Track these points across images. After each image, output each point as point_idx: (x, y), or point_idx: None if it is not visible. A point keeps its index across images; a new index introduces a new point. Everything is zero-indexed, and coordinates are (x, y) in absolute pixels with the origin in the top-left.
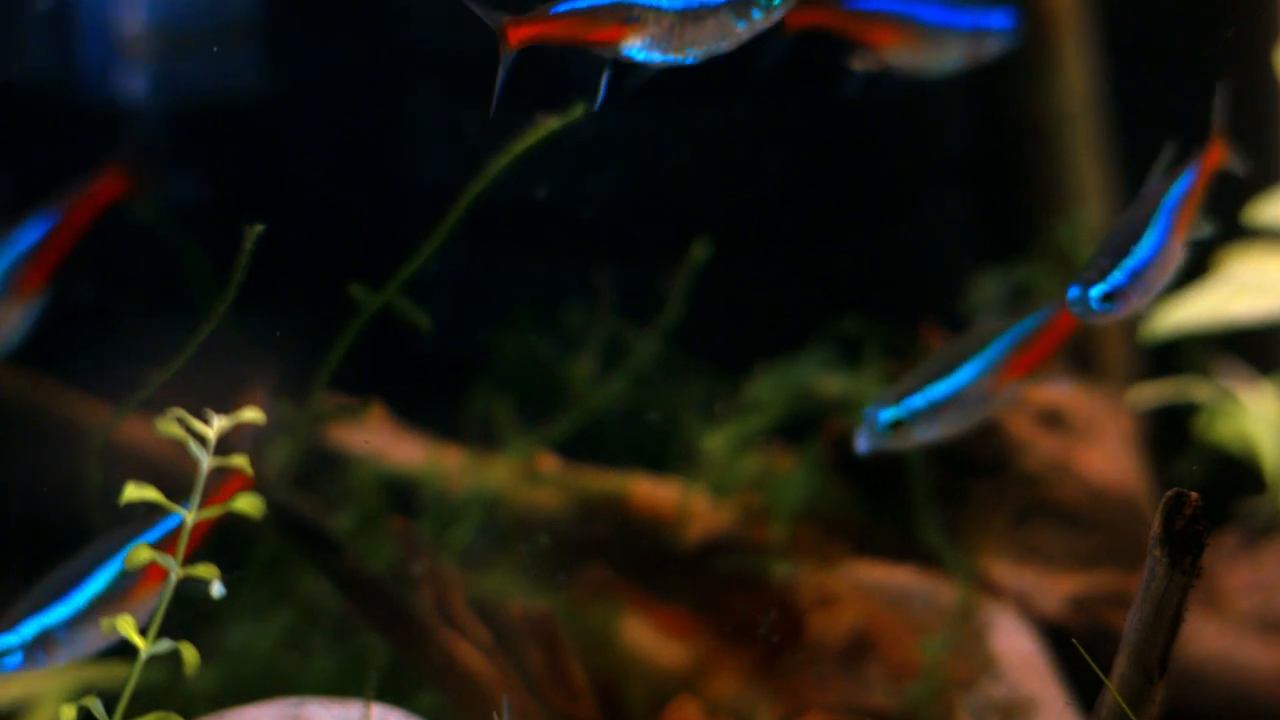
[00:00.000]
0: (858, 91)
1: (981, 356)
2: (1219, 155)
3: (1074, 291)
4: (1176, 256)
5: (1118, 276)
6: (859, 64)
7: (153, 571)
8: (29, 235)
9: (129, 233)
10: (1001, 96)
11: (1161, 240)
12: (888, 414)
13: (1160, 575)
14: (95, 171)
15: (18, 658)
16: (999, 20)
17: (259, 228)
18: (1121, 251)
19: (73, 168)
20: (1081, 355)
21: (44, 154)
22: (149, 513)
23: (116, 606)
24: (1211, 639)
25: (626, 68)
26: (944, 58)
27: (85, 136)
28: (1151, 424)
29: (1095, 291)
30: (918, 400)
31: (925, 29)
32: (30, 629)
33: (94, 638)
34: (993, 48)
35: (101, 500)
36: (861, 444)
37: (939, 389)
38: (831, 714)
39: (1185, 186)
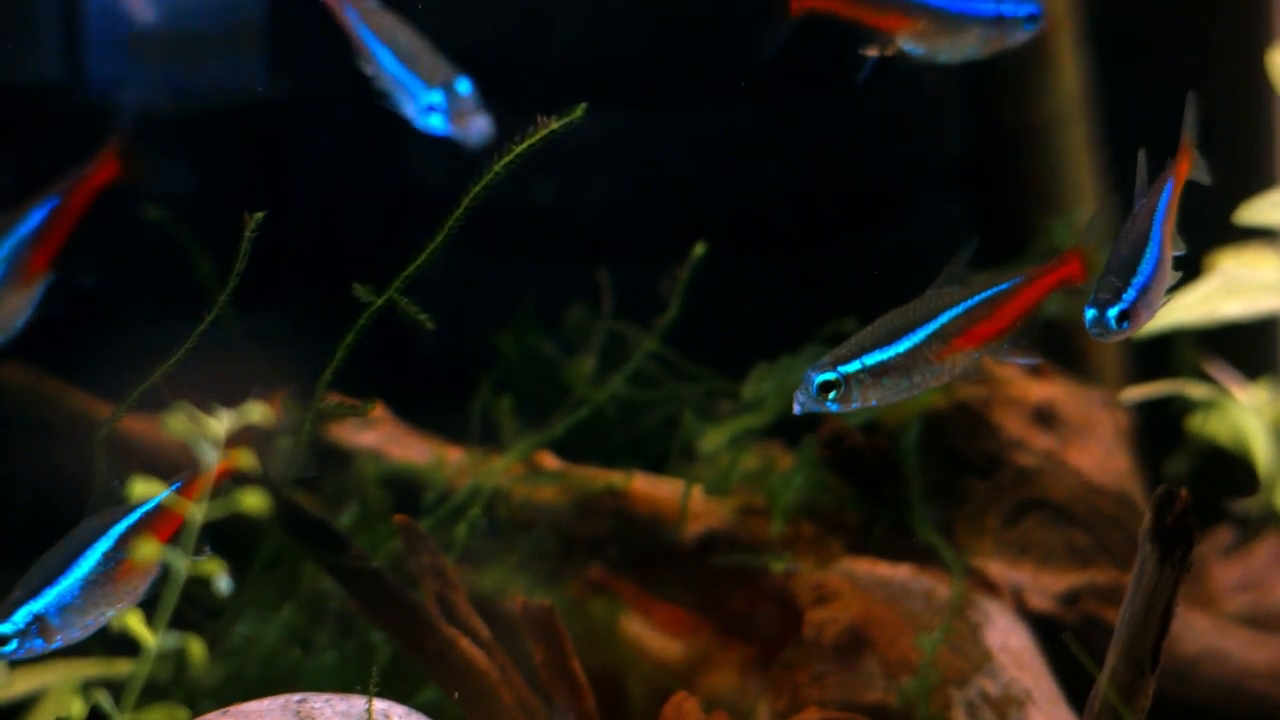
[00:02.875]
0: (867, 77)
1: (927, 324)
2: (1189, 164)
3: (1091, 313)
4: (1170, 268)
5: (1130, 294)
6: (873, 50)
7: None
8: (30, 221)
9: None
10: (996, 97)
11: (1159, 254)
12: (821, 377)
13: (1151, 570)
14: (91, 156)
15: (13, 645)
16: (1022, 9)
17: (259, 215)
18: (1130, 269)
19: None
20: (1075, 354)
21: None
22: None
23: (107, 588)
24: (1203, 635)
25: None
26: (963, 46)
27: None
28: (1145, 422)
29: (1113, 312)
30: (853, 365)
31: (943, 16)
32: (22, 616)
33: (89, 621)
34: (1015, 37)
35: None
36: (796, 406)
37: (877, 354)
38: (828, 709)
39: (1168, 198)
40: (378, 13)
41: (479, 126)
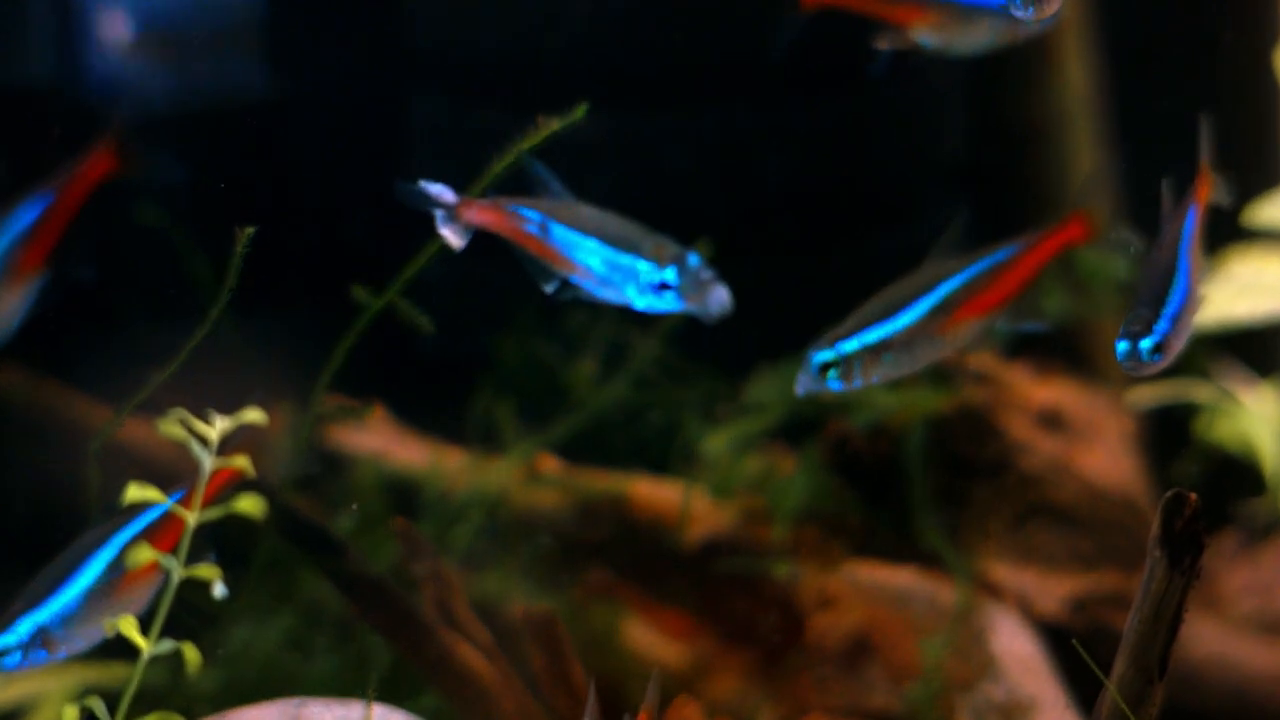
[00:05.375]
0: (882, 72)
1: (927, 298)
2: (1209, 188)
3: (1124, 345)
4: (1200, 295)
5: (1163, 325)
6: (884, 43)
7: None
8: (24, 217)
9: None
10: (1001, 98)
11: (1187, 282)
12: (821, 356)
13: (1160, 576)
14: (85, 150)
15: (15, 657)
16: None
17: (250, 230)
18: (1159, 300)
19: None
20: (1083, 357)
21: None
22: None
23: (110, 598)
24: (1211, 640)
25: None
26: (975, 38)
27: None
28: (1151, 425)
29: (1146, 344)
30: (852, 343)
31: (955, 8)
32: (25, 626)
33: (91, 631)
34: (1030, 28)
35: (101, 502)
36: (799, 386)
37: (876, 331)
38: (832, 715)
39: (1193, 224)
40: (568, 205)
41: (719, 297)
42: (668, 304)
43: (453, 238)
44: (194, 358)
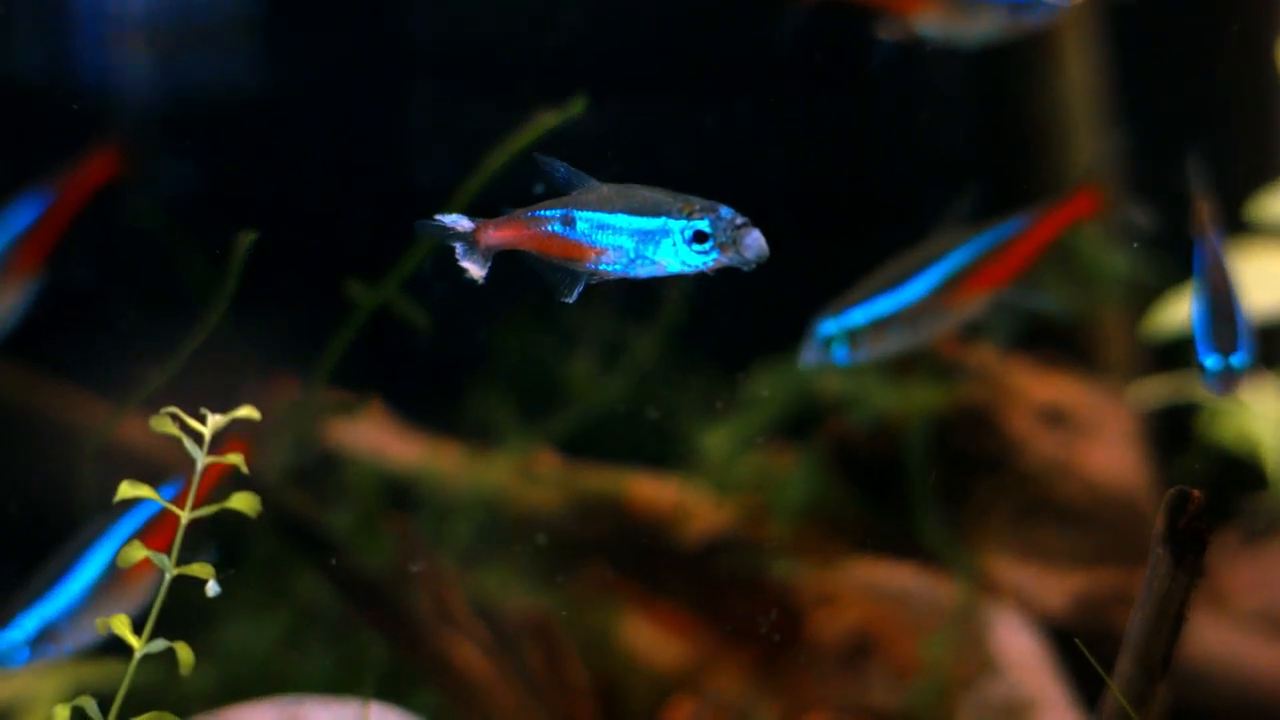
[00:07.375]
0: (885, 64)
1: (934, 270)
2: (1207, 215)
3: (1217, 363)
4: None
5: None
6: (886, 32)
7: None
8: (23, 216)
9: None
10: (1003, 91)
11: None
12: (827, 328)
13: (1163, 574)
14: (87, 152)
15: (25, 653)
16: None
17: (252, 236)
18: (1233, 318)
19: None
20: (1085, 352)
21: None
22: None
23: (113, 591)
24: (1214, 638)
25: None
26: (979, 28)
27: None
28: (1153, 422)
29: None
30: (858, 315)
31: None
32: (31, 622)
33: (95, 626)
34: (1035, 20)
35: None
36: (803, 357)
37: (884, 303)
38: (832, 713)
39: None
40: (586, 190)
41: (755, 240)
42: (704, 257)
43: (474, 269)
44: (193, 352)
